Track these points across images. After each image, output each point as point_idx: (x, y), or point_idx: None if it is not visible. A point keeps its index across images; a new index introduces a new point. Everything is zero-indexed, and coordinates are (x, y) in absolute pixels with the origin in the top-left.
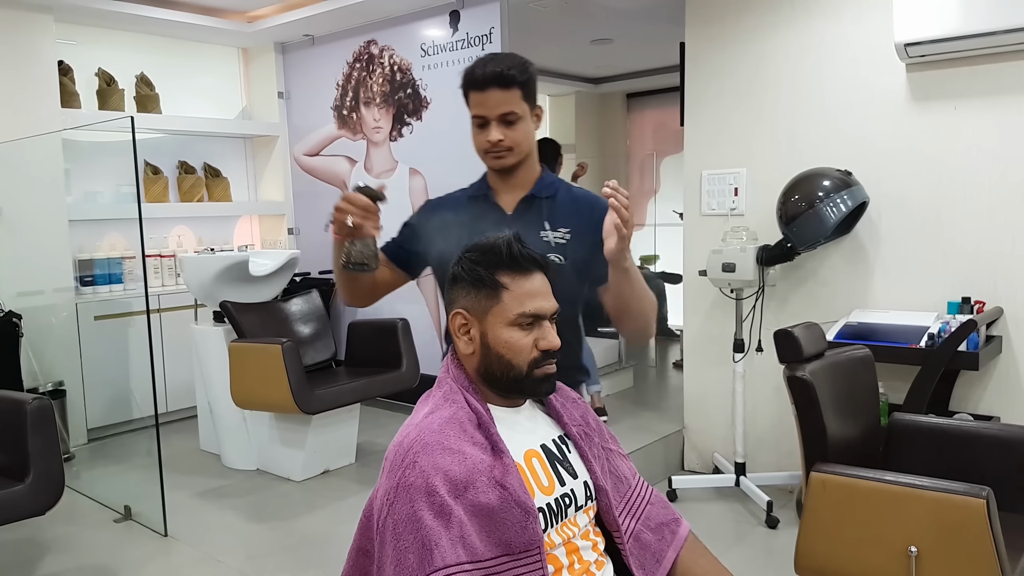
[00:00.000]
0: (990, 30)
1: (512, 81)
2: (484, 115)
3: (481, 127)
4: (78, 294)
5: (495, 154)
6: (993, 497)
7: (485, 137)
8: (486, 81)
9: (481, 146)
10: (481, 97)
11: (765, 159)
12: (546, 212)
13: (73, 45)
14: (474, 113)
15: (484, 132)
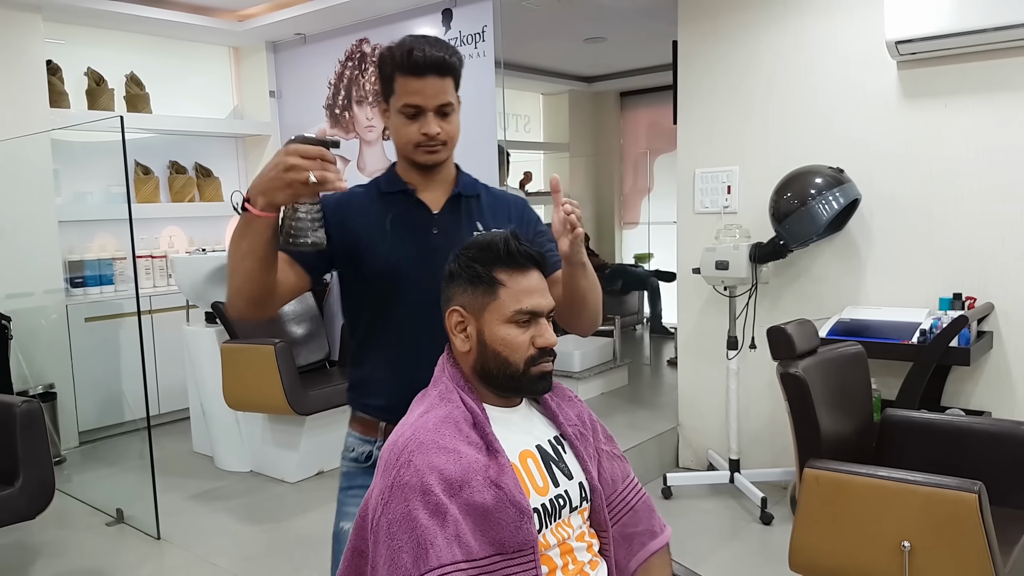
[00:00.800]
0: (980, 27)
1: (452, 69)
2: (421, 105)
3: (412, 117)
4: (68, 296)
5: (429, 148)
6: (985, 491)
7: (419, 129)
8: (426, 67)
9: (412, 139)
10: (419, 84)
11: (758, 157)
12: (475, 211)
13: (62, 44)
14: (408, 102)
15: (416, 123)
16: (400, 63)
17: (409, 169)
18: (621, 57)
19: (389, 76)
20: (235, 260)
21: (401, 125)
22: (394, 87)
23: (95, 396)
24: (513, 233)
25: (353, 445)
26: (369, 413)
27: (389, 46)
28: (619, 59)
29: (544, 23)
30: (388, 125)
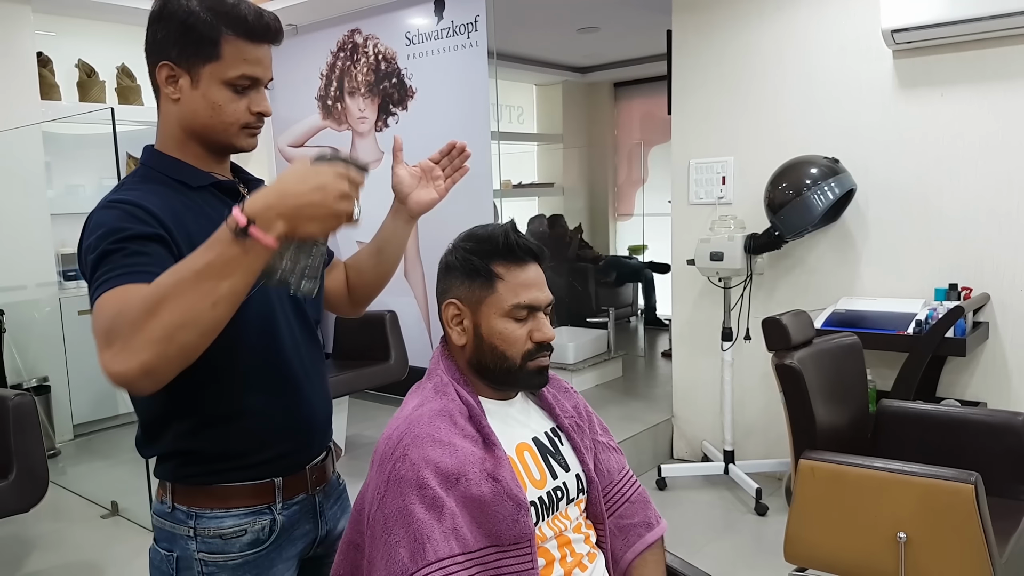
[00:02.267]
0: (976, 16)
1: (280, 39)
2: (259, 76)
3: (242, 92)
4: (61, 289)
5: (254, 131)
6: (981, 482)
7: (251, 105)
8: (269, 33)
9: (239, 117)
10: (259, 52)
11: (752, 147)
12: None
13: (52, 36)
14: (246, 72)
15: (246, 99)
16: (240, 24)
17: (205, 156)
18: (615, 47)
19: (212, 37)
20: (193, 308)
21: (227, 100)
22: (220, 51)
23: (89, 389)
24: (513, 225)
25: (241, 528)
26: (258, 477)
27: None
28: (613, 49)
29: (537, 13)
30: (179, 95)
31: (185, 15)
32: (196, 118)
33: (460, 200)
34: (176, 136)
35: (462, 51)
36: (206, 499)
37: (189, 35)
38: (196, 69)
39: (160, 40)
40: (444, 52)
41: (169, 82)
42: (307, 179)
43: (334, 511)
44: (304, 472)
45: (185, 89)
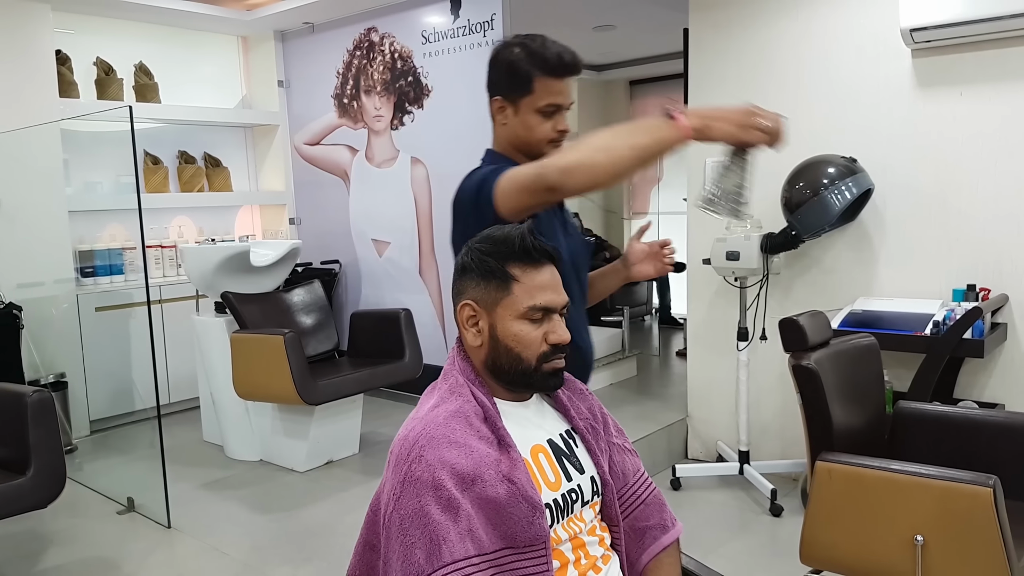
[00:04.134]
0: (997, 15)
1: (579, 71)
2: (561, 103)
3: (549, 116)
4: (79, 285)
5: (558, 143)
6: (1000, 486)
7: (555, 126)
8: (571, 68)
9: (547, 135)
10: (560, 85)
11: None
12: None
13: (71, 34)
14: (551, 101)
15: (552, 121)
16: (545, 65)
17: (524, 161)
18: (631, 45)
19: (526, 76)
20: (619, 147)
21: (537, 123)
22: (533, 87)
23: (106, 385)
24: (529, 228)
25: None
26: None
27: (520, 45)
28: (629, 47)
29: (553, 11)
30: (507, 121)
31: (511, 60)
32: (518, 138)
33: None
34: (505, 147)
35: (478, 49)
36: None
37: (512, 75)
38: (517, 100)
39: (494, 81)
40: (460, 50)
41: (499, 112)
42: (733, 107)
43: None
44: None
45: (510, 116)
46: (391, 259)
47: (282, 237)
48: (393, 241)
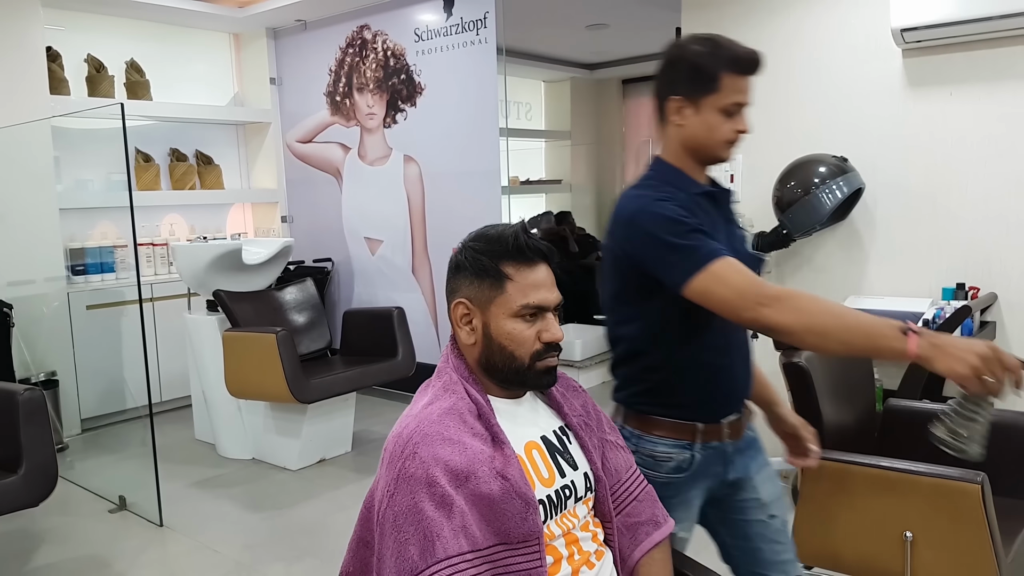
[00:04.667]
0: (987, 15)
1: (759, 70)
2: (744, 102)
3: (731, 115)
4: (70, 283)
5: (733, 145)
6: (988, 482)
7: (735, 126)
8: (754, 66)
9: (726, 136)
10: (745, 83)
11: (761, 146)
12: (725, 208)
13: (61, 31)
14: (734, 100)
15: (733, 121)
16: (735, 62)
17: (696, 168)
18: (624, 44)
19: (713, 74)
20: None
21: (719, 122)
22: (719, 85)
23: (97, 383)
24: (523, 226)
25: (668, 455)
26: (684, 418)
27: (705, 44)
28: (622, 46)
29: (546, 10)
30: (685, 122)
31: (693, 59)
32: (695, 139)
33: (469, 197)
34: (677, 151)
35: (471, 47)
36: (644, 425)
37: (696, 73)
38: (700, 100)
39: (672, 80)
40: (453, 48)
41: (676, 112)
42: (972, 344)
43: (744, 461)
44: (720, 424)
45: (689, 116)
46: (384, 257)
47: (274, 235)
48: (386, 239)
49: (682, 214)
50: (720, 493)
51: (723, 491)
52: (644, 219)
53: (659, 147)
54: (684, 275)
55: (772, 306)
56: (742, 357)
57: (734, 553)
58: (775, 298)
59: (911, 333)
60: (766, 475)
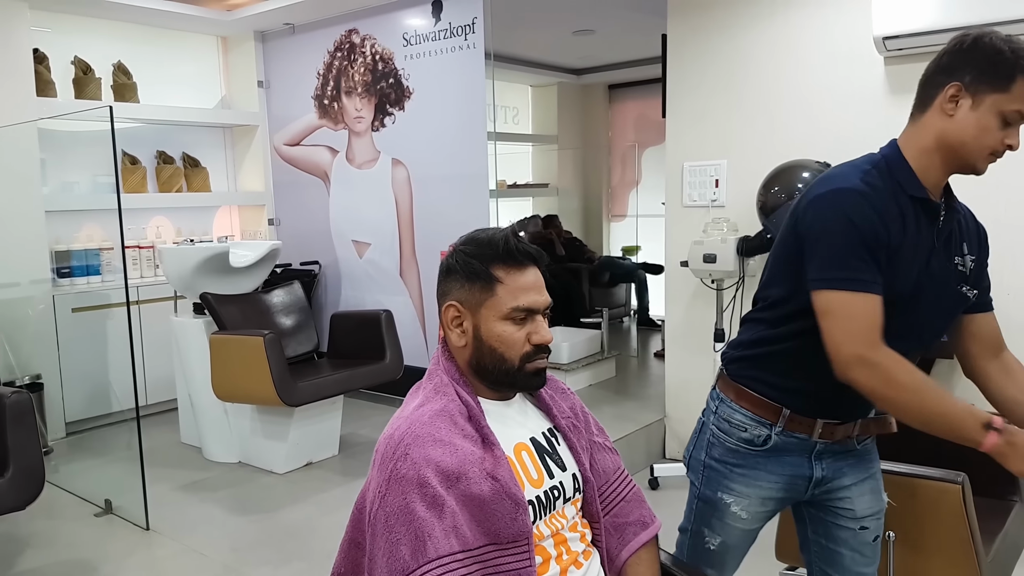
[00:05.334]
0: (967, 24)
1: None
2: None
3: (1008, 125)
4: (55, 286)
5: (995, 159)
6: (968, 482)
7: (1007, 138)
8: None
9: (995, 146)
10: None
11: (746, 151)
12: (957, 234)
13: (48, 33)
14: (1018, 108)
15: (1008, 132)
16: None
17: (938, 169)
18: (610, 49)
19: (1010, 73)
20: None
21: (994, 127)
22: (1011, 87)
23: (82, 387)
24: (513, 230)
25: (744, 424)
26: (774, 399)
27: (1011, 43)
28: (608, 51)
29: (533, 15)
30: (955, 112)
31: (994, 52)
32: (957, 136)
33: (457, 200)
34: (925, 145)
35: (459, 52)
36: (733, 392)
37: (994, 66)
38: (984, 94)
39: (959, 65)
40: (441, 53)
41: (950, 100)
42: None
43: (839, 465)
44: (814, 420)
45: (963, 108)
46: (371, 260)
47: (261, 238)
48: (373, 242)
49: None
50: (810, 494)
51: (812, 491)
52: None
53: (905, 135)
54: (823, 281)
55: (865, 368)
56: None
57: (813, 548)
58: (873, 363)
59: (992, 431)
60: (867, 488)
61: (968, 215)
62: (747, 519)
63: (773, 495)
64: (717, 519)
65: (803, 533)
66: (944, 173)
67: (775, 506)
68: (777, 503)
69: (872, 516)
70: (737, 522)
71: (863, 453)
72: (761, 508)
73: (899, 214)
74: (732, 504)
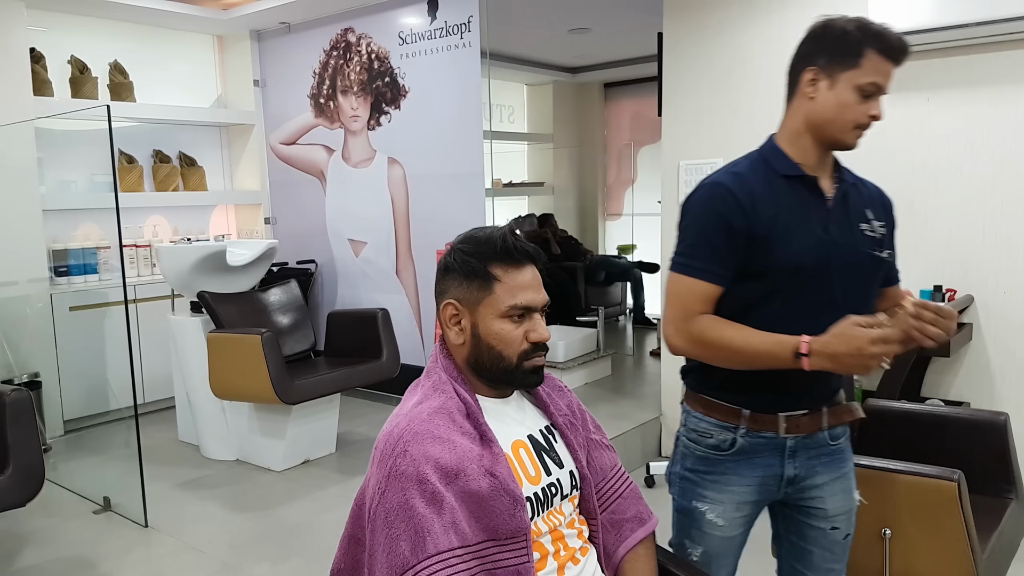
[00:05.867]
0: (963, 22)
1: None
2: (882, 85)
3: (867, 97)
4: (53, 284)
5: (861, 132)
6: (964, 480)
7: (868, 110)
8: (901, 54)
9: (858, 119)
10: (887, 67)
11: (742, 149)
12: (856, 202)
13: (45, 32)
14: (875, 80)
15: (868, 104)
16: (884, 44)
17: (811, 149)
18: (606, 48)
19: (857, 49)
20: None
21: (853, 102)
22: (861, 62)
23: (80, 385)
24: (511, 229)
25: (708, 431)
26: (731, 402)
27: (855, 20)
28: (604, 50)
29: (529, 13)
30: (816, 95)
31: (842, 32)
32: (821, 115)
33: (453, 199)
34: (797, 129)
35: (455, 51)
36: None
37: (839, 44)
38: (837, 74)
39: (811, 52)
40: (437, 52)
41: (809, 84)
42: (849, 343)
43: (812, 463)
44: (775, 415)
45: (822, 90)
46: (368, 259)
47: (257, 237)
48: (370, 241)
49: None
50: (782, 493)
51: (785, 490)
52: (692, 203)
53: (780, 124)
54: (670, 263)
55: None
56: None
57: (784, 544)
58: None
59: (803, 358)
60: (839, 488)
61: (868, 185)
62: (724, 526)
63: (747, 499)
64: (696, 529)
65: (775, 528)
66: (819, 151)
67: (751, 510)
68: (752, 506)
69: (843, 515)
70: (715, 530)
71: (836, 451)
72: (737, 513)
73: (772, 194)
74: (707, 512)
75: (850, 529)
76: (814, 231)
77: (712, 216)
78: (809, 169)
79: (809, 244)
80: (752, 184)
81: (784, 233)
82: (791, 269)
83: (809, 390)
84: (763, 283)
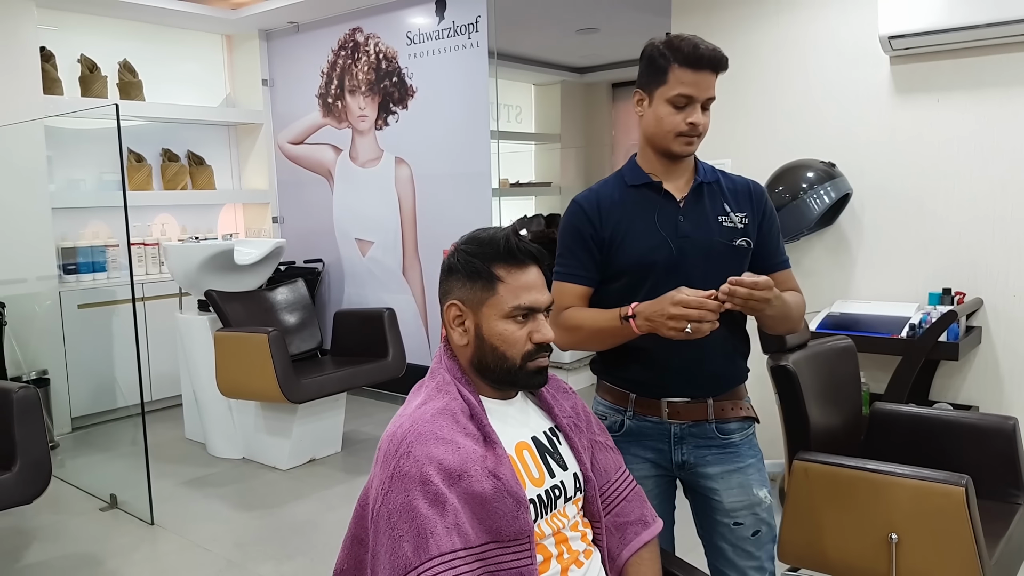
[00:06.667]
0: (973, 23)
1: (723, 67)
2: (694, 96)
3: (680, 108)
4: (61, 282)
5: (688, 139)
6: (972, 485)
7: (685, 118)
8: (708, 62)
9: (676, 128)
10: (695, 77)
11: (749, 150)
12: (718, 197)
13: (55, 31)
14: (681, 92)
15: (683, 113)
16: (682, 56)
17: (655, 159)
18: (613, 48)
19: (663, 67)
20: (592, 340)
21: (667, 114)
22: (667, 77)
23: (88, 382)
24: (514, 229)
25: (604, 414)
26: (619, 385)
27: (664, 40)
28: (611, 50)
29: (537, 13)
30: (644, 113)
31: (651, 53)
32: (648, 128)
33: (460, 199)
34: (641, 144)
35: (463, 51)
36: (598, 387)
37: (650, 66)
38: (652, 91)
39: (638, 75)
40: (445, 52)
41: (638, 104)
42: (663, 307)
43: (702, 452)
44: (659, 401)
45: (645, 108)
46: (374, 258)
47: (265, 236)
48: (377, 241)
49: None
50: (680, 474)
51: (679, 473)
52: (563, 217)
53: None
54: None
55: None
56: (678, 346)
57: (704, 542)
58: (557, 324)
59: (630, 320)
60: (734, 482)
61: (733, 179)
62: None
63: (647, 473)
64: None
65: (696, 522)
66: (660, 160)
67: (656, 483)
68: (655, 480)
69: (744, 511)
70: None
71: (728, 445)
72: (644, 486)
73: (620, 202)
74: None
75: (759, 526)
76: (666, 226)
77: (569, 228)
78: (657, 176)
79: (657, 241)
80: (601, 196)
81: (631, 234)
82: (644, 265)
83: (686, 374)
84: (623, 281)
